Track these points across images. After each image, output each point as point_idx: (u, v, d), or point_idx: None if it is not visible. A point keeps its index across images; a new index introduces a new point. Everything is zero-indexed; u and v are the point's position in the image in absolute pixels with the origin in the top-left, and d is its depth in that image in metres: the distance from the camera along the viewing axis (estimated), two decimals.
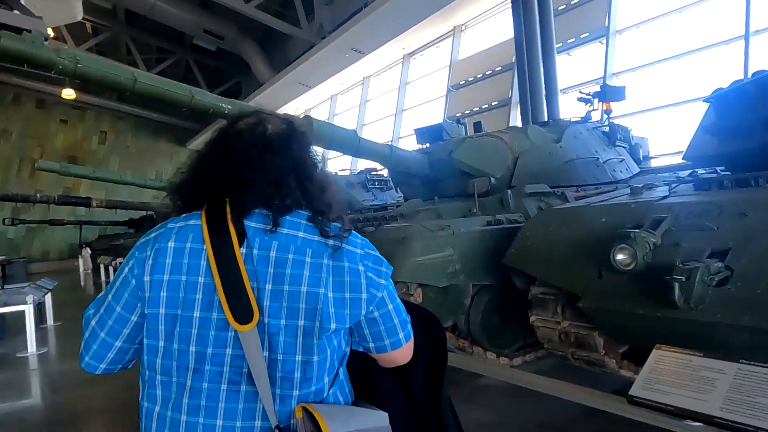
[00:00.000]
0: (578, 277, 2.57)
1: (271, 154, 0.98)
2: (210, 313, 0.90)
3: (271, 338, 0.89)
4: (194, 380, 0.90)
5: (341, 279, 0.94)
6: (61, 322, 8.13)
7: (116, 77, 2.97)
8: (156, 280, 0.93)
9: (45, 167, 7.17)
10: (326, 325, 0.91)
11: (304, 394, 0.91)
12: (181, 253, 0.94)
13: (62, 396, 4.52)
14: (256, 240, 0.93)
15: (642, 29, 11.25)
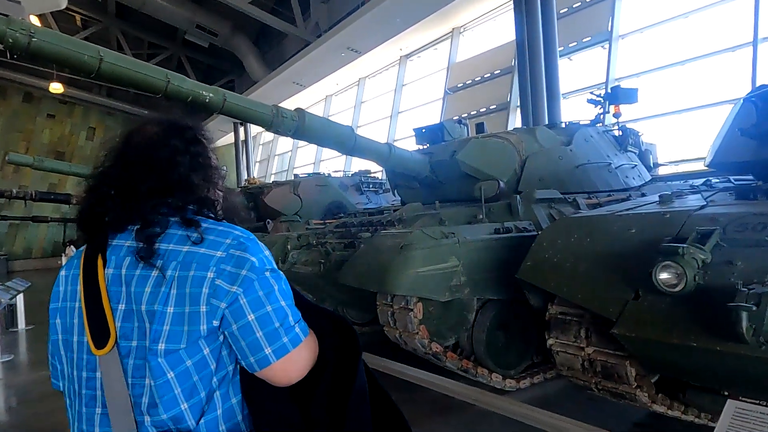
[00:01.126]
0: (610, 298, 2.20)
1: (131, 166, 0.97)
2: (82, 337, 0.90)
3: (122, 360, 0.86)
4: (78, 405, 0.92)
5: (183, 291, 0.86)
6: (33, 325, 7.65)
7: (78, 56, 2.58)
8: (53, 308, 0.99)
9: (17, 161, 6.72)
10: (153, 346, 0.85)
11: (157, 421, 0.85)
12: (67, 280, 0.98)
13: (28, 409, 4.08)
14: (112, 259, 0.91)
15: (645, 34, 11.01)
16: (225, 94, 3.21)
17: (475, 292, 3.40)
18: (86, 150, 24.14)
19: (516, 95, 12.70)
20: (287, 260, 4.92)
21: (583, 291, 2.35)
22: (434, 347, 3.32)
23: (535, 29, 9.85)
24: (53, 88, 20.58)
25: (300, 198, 8.36)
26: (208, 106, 3.17)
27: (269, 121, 3.38)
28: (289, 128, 3.46)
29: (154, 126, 1.04)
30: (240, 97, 3.36)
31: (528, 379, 3.71)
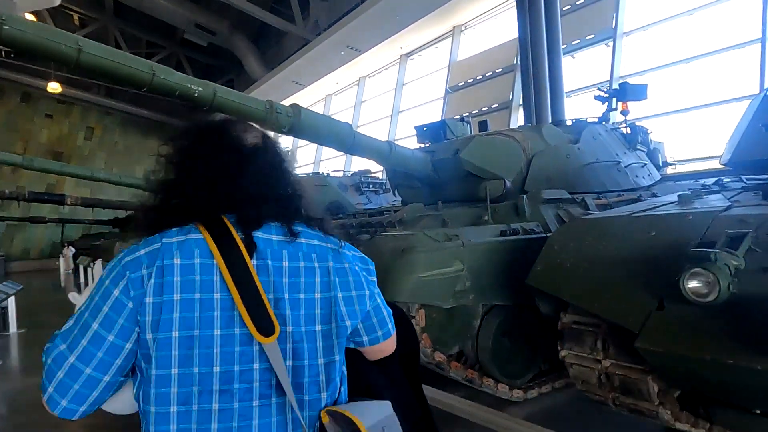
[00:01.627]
0: (631, 308, 2.01)
1: (272, 167, 1.01)
2: (232, 329, 0.88)
3: (295, 346, 0.91)
4: (222, 402, 0.87)
5: (346, 279, 0.98)
6: (25, 329, 7.46)
7: (55, 45, 2.40)
8: (167, 300, 0.87)
9: (5, 159, 6.54)
10: (342, 323, 0.96)
11: (329, 395, 0.94)
12: (191, 269, 0.89)
13: (17, 419, 3.88)
14: (267, 251, 0.94)
15: (650, 31, 10.82)
16: (215, 89, 3.03)
17: (480, 298, 3.21)
18: (84, 150, 23.97)
19: (518, 94, 12.53)
20: None
21: (600, 299, 2.16)
22: (437, 356, 3.13)
23: (539, 26, 9.66)
24: (51, 87, 20.43)
25: None
26: (197, 101, 2.98)
27: (263, 116, 3.20)
28: (284, 125, 3.27)
29: (252, 133, 1.04)
30: (231, 92, 3.18)
31: (536, 389, 3.51)
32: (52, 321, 8.77)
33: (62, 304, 11.31)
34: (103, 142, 24.65)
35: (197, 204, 0.94)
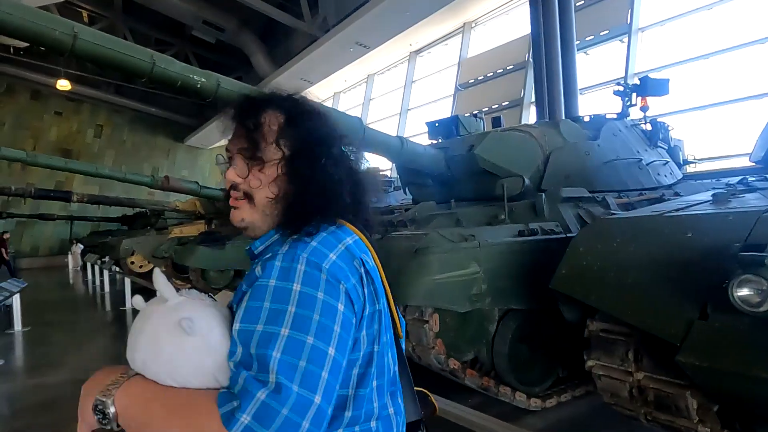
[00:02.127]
0: (669, 317, 1.83)
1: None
2: (391, 331, 0.89)
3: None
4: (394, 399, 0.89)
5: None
6: (30, 327, 7.39)
7: (48, 32, 2.26)
8: (383, 306, 0.86)
9: (8, 155, 6.46)
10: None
11: None
12: (377, 273, 0.87)
13: (19, 421, 3.76)
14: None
15: (667, 27, 10.57)
16: (218, 79, 2.88)
17: (497, 302, 3.04)
18: (94, 148, 24.02)
19: (530, 91, 12.32)
20: None
21: (634, 307, 1.98)
22: (452, 363, 2.97)
23: (552, 22, 9.45)
24: (60, 85, 20.49)
25: None
26: (200, 92, 2.84)
27: None
28: None
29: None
30: (235, 83, 3.03)
31: (554, 398, 3.34)
32: (57, 319, 8.73)
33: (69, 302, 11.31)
34: (112, 139, 24.69)
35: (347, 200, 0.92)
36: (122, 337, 6.84)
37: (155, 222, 13.98)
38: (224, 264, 6.78)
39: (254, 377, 0.68)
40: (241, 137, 0.91)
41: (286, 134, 0.91)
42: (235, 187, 0.92)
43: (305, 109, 0.95)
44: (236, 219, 0.93)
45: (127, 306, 8.70)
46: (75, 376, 4.83)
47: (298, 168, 0.89)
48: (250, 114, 0.92)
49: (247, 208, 0.92)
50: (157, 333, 0.77)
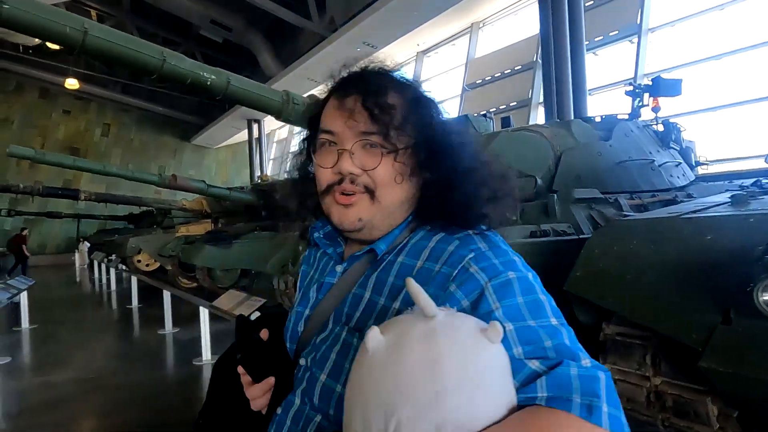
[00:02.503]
0: (690, 321, 1.78)
1: None
2: None
3: None
4: None
5: None
6: (37, 324, 7.41)
7: (59, 27, 2.24)
8: None
9: (17, 153, 6.48)
10: None
11: None
12: None
13: (25, 422, 3.75)
14: None
15: (677, 27, 10.47)
16: (229, 77, 2.85)
17: None
18: (101, 146, 24.15)
19: (538, 91, 12.26)
20: (298, 262, 4.57)
21: (653, 310, 1.93)
22: None
23: (561, 22, 9.40)
24: (69, 84, 20.63)
25: None
26: (209, 89, 2.81)
27: (278, 107, 3.02)
28: (300, 117, 3.09)
29: None
30: (246, 81, 3.00)
31: None
32: (64, 317, 8.75)
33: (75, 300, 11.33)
34: (120, 138, 24.82)
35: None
36: (128, 336, 6.87)
37: (162, 221, 14.01)
38: (231, 263, 6.76)
39: (581, 366, 0.60)
40: (364, 120, 0.76)
41: (419, 119, 0.79)
42: (353, 180, 0.76)
43: (422, 92, 0.83)
44: (350, 218, 0.77)
45: (133, 304, 8.72)
46: (80, 375, 4.83)
47: (443, 158, 0.78)
48: (380, 92, 0.77)
49: (366, 205, 0.77)
50: (464, 354, 0.54)
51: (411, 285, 0.57)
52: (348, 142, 0.77)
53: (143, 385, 4.41)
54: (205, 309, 4.87)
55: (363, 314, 0.75)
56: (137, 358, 5.53)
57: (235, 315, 3.91)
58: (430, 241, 0.78)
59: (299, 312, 0.87)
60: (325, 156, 0.80)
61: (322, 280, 0.86)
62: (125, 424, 3.54)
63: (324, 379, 0.74)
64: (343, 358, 0.72)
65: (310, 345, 0.81)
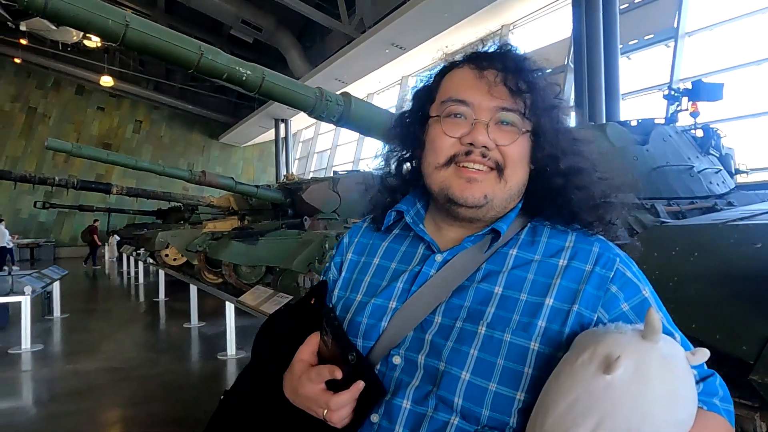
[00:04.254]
0: (740, 333, 1.70)
1: None
2: None
3: None
4: None
5: None
6: (68, 314, 7.61)
7: (101, 20, 2.28)
8: None
9: (55, 146, 6.67)
10: None
11: None
12: None
13: (55, 408, 3.84)
14: None
15: (715, 31, 10.16)
16: (264, 72, 2.86)
17: None
18: (132, 142, 24.74)
19: (568, 95, 12.08)
20: (324, 260, 4.57)
21: (698, 321, 1.84)
22: None
23: (595, 24, 9.23)
24: (104, 81, 21.23)
25: (339, 195, 8.01)
26: (245, 84, 2.83)
27: (312, 104, 3.02)
28: (333, 114, 3.08)
29: None
30: (280, 77, 3.01)
31: None
32: (94, 307, 8.98)
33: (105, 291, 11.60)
34: (150, 134, 25.39)
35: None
36: (155, 328, 6.99)
37: (189, 216, 14.24)
38: (257, 260, 6.81)
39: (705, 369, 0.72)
40: (504, 96, 0.75)
41: (546, 106, 0.77)
42: (484, 153, 0.74)
43: (551, 81, 0.81)
44: (476, 194, 0.74)
45: (160, 297, 8.88)
46: (109, 364, 4.93)
47: (563, 150, 0.77)
48: (521, 71, 0.75)
49: (492, 182, 0.75)
50: (687, 379, 0.61)
51: (652, 316, 0.59)
52: (485, 114, 0.75)
53: (170, 377, 4.47)
54: (231, 304, 4.91)
55: (500, 310, 0.71)
56: (164, 350, 5.62)
57: (262, 311, 3.92)
58: (542, 236, 0.78)
59: (379, 305, 0.78)
60: (452, 126, 0.77)
61: (414, 270, 0.79)
62: (152, 415, 3.59)
63: (467, 378, 0.68)
64: (493, 356, 0.68)
65: (407, 340, 0.73)
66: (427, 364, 0.71)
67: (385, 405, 0.71)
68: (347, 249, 0.92)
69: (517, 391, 0.67)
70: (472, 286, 0.74)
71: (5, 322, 6.89)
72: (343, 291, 0.86)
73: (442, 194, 0.77)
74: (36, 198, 18.95)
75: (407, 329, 0.74)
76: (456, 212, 0.78)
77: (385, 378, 0.73)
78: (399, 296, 0.78)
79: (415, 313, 0.75)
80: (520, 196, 0.80)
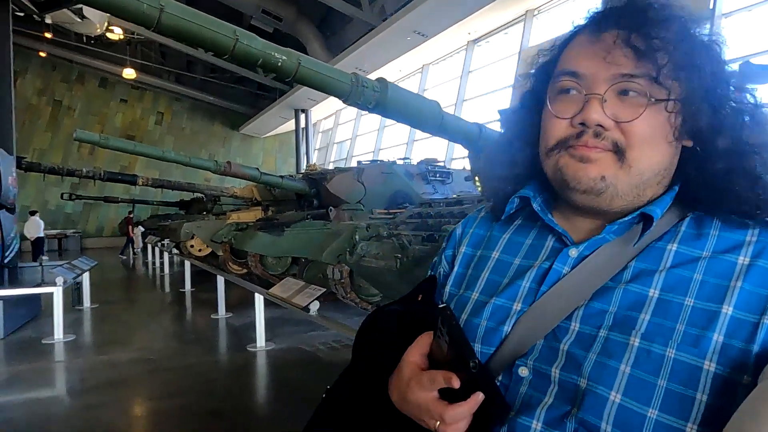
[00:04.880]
0: None
1: None
2: None
3: None
4: None
5: None
6: (98, 304, 7.70)
7: (136, 4, 2.20)
8: None
9: (84, 138, 6.71)
10: None
11: None
12: None
13: (90, 399, 3.85)
14: None
15: (754, 12, 9.72)
16: (299, 58, 2.76)
17: None
18: (155, 135, 25.01)
19: None
20: (355, 252, 4.48)
21: None
22: None
23: None
24: (126, 73, 21.46)
25: (364, 186, 7.91)
26: (280, 71, 2.74)
27: (347, 91, 2.91)
28: (369, 100, 2.97)
29: None
30: (316, 62, 2.91)
31: None
32: (122, 297, 9.09)
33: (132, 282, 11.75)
34: (172, 126, 25.64)
35: None
36: (183, 318, 7.02)
37: (211, 207, 14.36)
38: (283, 251, 6.78)
39: None
40: (625, 60, 0.60)
41: (697, 64, 0.61)
42: (598, 133, 0.61)
43: (702, 28, 0.64)
44: (590, 174, 0.62)
45: (186, 288, 8.93)
46: (141, 355, 4.94)
47: (728, 120, 0.61)
48: (650, 24, 0.60)
49: (611, 164, 0.62)
50: None
51: None
52: (600, 86, 0.61)
53: (201, 369, 4.46)
54: (261, 296, 4.87)
55: (659, 318, 0.58)
56: (193, 341, 5.63)
57: (294, 303, 3.85)
58: (711, 228, 0.62)
59: (500, 305, 0.67)
60: (563, 104, 0.64)
61: (543, 266, 0.67)
62: (186, 407, 3.57)
63: (618, 400, 0.55)
64: (652, 375, 0.55)
65: (536, 350, 0.63)
66: (563, 380, 0.59)
67: (508, 424, 0.61)
68: (460, 241, 0.81)
69: (687, 422, 0.53)
70: (619, 288, 0.61)
71: (37, 312, 7.00)
72: (455, 288, 0.76)
73: (555, 180, 0.66)
74: (63, 190, 19.32)
75: (536, 336, 0.63)
76: (574, 200, 0.65)
77: (509, 392, 0.63)
78: (525, 297, 0.67)
79: (545, 317, 0.63)
80: (658, 183, 0.64)
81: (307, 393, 3.73)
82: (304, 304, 3.76)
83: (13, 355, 5.11)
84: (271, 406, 3.66)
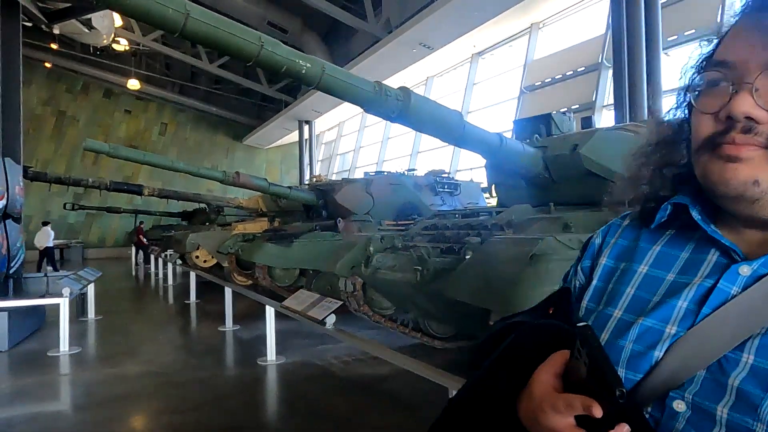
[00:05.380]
0: None
1: None
2: None
3: None
4: None
5: None
6: (102, 315, 7.59)
7: (162, 9, 2.16)
8: None
9: (93, 147, 6.67)
10: None
11: None
12: None
13: (99, 414, 3.73)
14: None
15: None
16: (324, 66, 2.71)
17: None
18: (158, 145, 25.03)
19: (603, 94, 11.74)
20: (370, 264, 4.40)
21: None
22: None
23: (636, 18, 8.92)
24: (131, 84, 21.52)
25: (372, 197, 7.85)
26: (303, 78, 2.68)
27: (370, 99, 2.86)
28: (392, 109, 2.91)
29: None
30: (340, 70, 2.86)
31: None
32: (126, 309, 8.97)
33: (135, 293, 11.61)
34: (176, 137, 25.68)
35: None
36: (189, 331, 6.91)
37: (215, 218, 14.28)
38: (292, 262, 6.70)
39: None
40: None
41: None
42: (748, 128, 0.53)
43: None
44: (739, 177, 0.54)
45: (191, 299, 8.82)
46: (149, 369, 4.83)
47: None
48: None
49: (765, 164, 0.54)
50: None
51: None
52: (751, 74, 0.53)
53: (212, 384, 4.35)
54: (272, 308, 4.78)
55: None
56: (202, 353, 5.51)
57: (310, 316, 3.76)
58: None
59: (650, 327, 0.59)
60: (711, 98, 0.57)
61: (705, 284, 0.58)
62: (199, 423, 3.46)
63: None
64: None
65: (696, 382, 0.54)
66: (732, 421, 0.50)
67: None
68: (600, 251, 0.73)
69: None
70: None
71: (41, 323, 6.89)
72: (593, 303, 0.68)
73: (704, 184, 0.58)
74: (66, 200, 19.27)
75: (697, 366, 0.54)
76: (729, 209, 0.58)
77: (660, 428, 0.55)
78: (681, 319, 0.58)
79: (708, 345, 0.54)
80: None
81: (323, 409, 3.62)
82: (320, 317, 3.67)
83: (18, 368, 5.00)
84: (286, 422, 3.55)
